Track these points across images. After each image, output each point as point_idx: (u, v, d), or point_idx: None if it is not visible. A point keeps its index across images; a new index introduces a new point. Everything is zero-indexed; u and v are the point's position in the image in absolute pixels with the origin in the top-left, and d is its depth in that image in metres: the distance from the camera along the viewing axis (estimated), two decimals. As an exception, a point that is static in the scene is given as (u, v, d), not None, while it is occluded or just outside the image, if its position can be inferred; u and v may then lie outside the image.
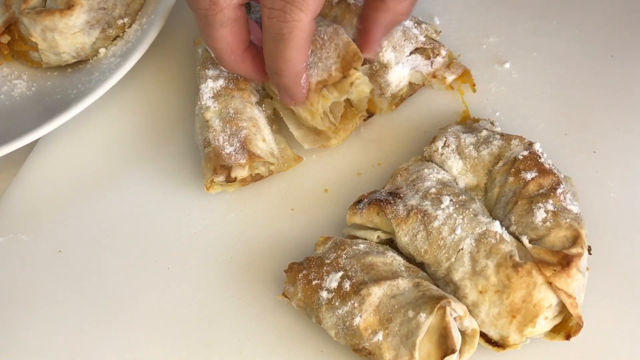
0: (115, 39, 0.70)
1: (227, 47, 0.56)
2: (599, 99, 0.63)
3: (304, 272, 0.52)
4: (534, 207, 0.51)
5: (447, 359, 0.46)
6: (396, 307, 0.48)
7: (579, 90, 0.63)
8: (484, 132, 0.57)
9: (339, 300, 0.49)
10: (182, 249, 0.59)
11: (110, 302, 0.57)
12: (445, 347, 0.47)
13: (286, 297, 0.53)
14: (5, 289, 0.58)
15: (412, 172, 0.56)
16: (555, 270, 0.48)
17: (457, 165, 0.56)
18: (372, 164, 0.61)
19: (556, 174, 0.53)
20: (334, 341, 0.50)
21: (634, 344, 0.51)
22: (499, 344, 0.49)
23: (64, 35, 0.67)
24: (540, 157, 0.54)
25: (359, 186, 0.60)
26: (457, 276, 0.50)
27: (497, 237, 0.50)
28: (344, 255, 0.52)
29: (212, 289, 0.57)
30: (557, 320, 0.49)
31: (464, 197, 0.53)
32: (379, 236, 0.54)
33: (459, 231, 0.50)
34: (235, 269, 0.57)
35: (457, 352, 0.47)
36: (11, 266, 0.59)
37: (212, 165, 0.57)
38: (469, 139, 0.57)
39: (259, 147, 0.58)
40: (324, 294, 0.50)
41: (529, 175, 0.53)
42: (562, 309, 0.49)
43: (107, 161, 0.65)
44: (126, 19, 0.69)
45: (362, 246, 0.52)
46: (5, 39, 0.70)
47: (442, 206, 0.52)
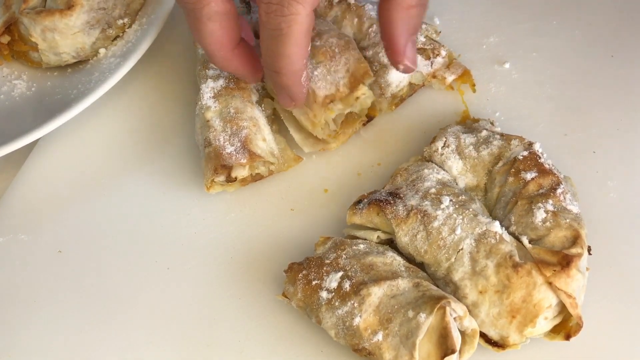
0: (115, 39, 0.70)
1: (217, 43, 0.54)
2: (599, 99, 0.62)
3: (304, 272, 0.52)
4: (533, 207, 0.51)
5: (447, 359, 0.46)
6: (396, 307, 0.48)
7: (579, 90, 0.63)
8: (484, 132, 0.57)
9: (339, 300, 0.49)
10: (182, 249, 0.59)
11: (110, 302, 0.57)
12: (445, 347, 0.47)
13: (286, 297, 0.53)
14: (5, 289, 0.58)
15: (412, 172, 0.56)
16: (555, 270, 0.48)
17: (457, 165, 0.56)
18: (372, 164, 0.61)
19: (556, 174, 0.53)
20: (334, 341, 0.50)
21: (634, 344, 0.51)
22: (498, 344, 0.49)
23: (64, 35, 0.67)
24: (540, 157, 0.54)
25: (359, 186, 0.60)
26: (457, 276, 0.50)
27: (497, 237, 0.50)
28: (343, 255, 0.52)
29: (212, 289, 0.57)
30: (557, 320, 0.49)
31: (464, 197, 0.53)
32: (378, 236, 0.54)
33: (458, 231, 0.50)
34: (235, 269, 0.57)
35: (457, 352, 0.47)
36: (11, 266, 0.59)
37: (213, 165, 0.57)
38: (468, 139, 0.56)
39: (260, 146, 0.58)
40: (324, 294, 0.50)
41: (529, 175, 0.53)
42: (562, 309, 0.49)
43: (107, 161, 0.65)
44: (126, 19, 0.69)
45: (362, 246, 0.52)
46: (5, 39, 0.70)
47: (442, 206, 0.52)
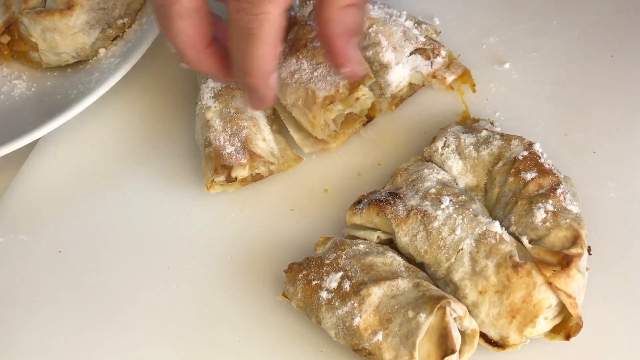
0: (115, 39, 0.70)
1: (188, 41, 0.52)
2: (599, 99, 0.62)
3: (304, 272, 0.52)
4: (533, 207, 0.51)
5: (446, 359, 0.46)
6: (396, 307, 0.48)
7: (579, 90, 0.63)
8: (484, 132, 0.57)
9: (339, 300, 0.49)
10: (182, 249, 0.59)
11: (110, 302, 0.57)
12: (445, 347, 0.47)
13: (286, 297, 0.52)
14: (5, 289, 0.58)
15: (412, 173, 0.56)
16: (555, 270, 0.48)
17: (457, 165, 0.56)
18: (372, 164, 0.61)
19: (556, 174, 0.53)
20: (334, 341, 0.50)
21: (634, 344, 0.51)
22: (498, 344, 0.49)
23: (64, 35, 0.67)
24: (540, 157, 0.54)
25: (359, 186, 0.60)
26: (457, 276, 0.50)
27: (497, 237, 0.50)
28: (343, 255, 0.52)
29: (212, 289, 0.57)
30: (557, 320, 0.49)
31: (464, 197, 0.53)
32: (378, 236, 0.54)
33: (458, 231, 0.50)
34: (235, 269, 0.57)
35: (457, 353, 0.47)
36: (11, 266, 0.59)
37: (213, 165, 0.57)
38: (468, 139, 0.56)
39: (260, 146, 0.58)
40: (324, 294, 0.50)
41: (529, 175, 0.53)
42: (562, 309, 0.49)
43: (107, 161, 0.65)
44: (126, 19, 0.69)
45: (362, 246, 0.52)
46: (5, 39, 0.70)
47: (442, 206, 0.52)
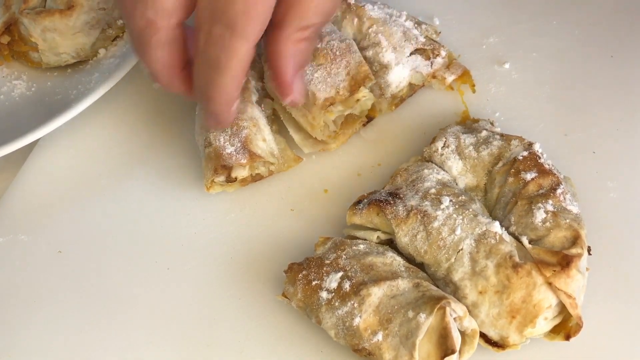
0: (115, 39, 0.70)
1: (164, 68, 0.51)
2: (599, 99, 0.62)
3: (304, 272, 0.52)
4: (533, 207, 0.51)
5: (446, 359, 0.46)
6: (396, 307, 0.48)
7: (579, 90, 0.63)
8: (484, 133, 0.57)
9: (339, 300, 0.49)
10: (182, 249, 0.59)
11: (110, 302, 0.57)
12: (445, 347, 0.47)
13: (286, 297, 0.52)
14: (5, 289, 0.58)
15: (412, 173, 0.56)
16: (555, 270, 0.48)
17: (456, 165, 0.56)
18: (372, 164, 0.61)
19: (556, 174, 0.53)
20: (334, 341, 0.50)
21: (634, 344, 0.51)
22: (498, 345, 0.49)
23: (64, 35, 0.67)
24: (540, 158, 0.54)
25: (359, 186, 0.60)
26: (456, 276, 0.50)
27: (497, 237, 0.50)
28: (343, 255, 0.52)
29: (212, 289, 0.57)
30: (557, 320, 0.49)
31: (464, 197, 0.53)
32: (378, 236, 0.54)
33: (458, 231, 0.50)
34: (235, 269, 0.57)
35: (457, 353, 0.47)
36: (11, 266, 0.59)
37: (213, 165, 0.57)
38: (468, 140, 0.56)
39: (260, 147, 0.58)
40: (324, 295, 0.50)
41: (529, 175, 0.53)
42: (562, 310, 0.49)
43: (107, 161, 0.65)
44: (126, 19, 0.69)
45: (361, 246, 0.52)
46: (5, 40, 0.70)
47: (442, 206, 0.52)
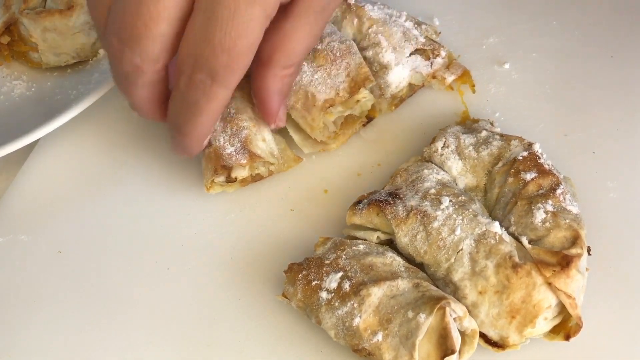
0: (115, 39, 0.70)
1: (146, 104, 0.53)
2: (598, 99, 0.63)
3: (304, 272, 0.52)
4: (533, 207, 0.51)
5: (446, 359, 0.47)
6: (396, 307, 0.48)
7: (579, 90, 0.63)
8: (484, 133, 0.57)
9: (339, 300, 0.49)
10: (182, 249, 0.59)
11: (110, 302, 0.57)
12: (444, 347, 0.47)
13: (286, 297, 0.53)
14: (5, 289, 0.58)
15: (411, 173, 0.56)
16: (554, 270, 0.48)
17: (456, 165, 0.56)
18: (371, 164, 0.61)
19: (556, 174, 0.53)
20: (334, 341, 0.50)
21: (634, 344, 0.51)
22: (498, 345, 0.49)
23: (64, 35, 0.67)
24: (539, 158, 0.54)
25: (359, 187, 0.60)
26: (456, 277, 0.50)
27: (497, 237, 0.50)
28: (343, 255, 0.52)
29: (212, 289, 0.56)
30: (557, 320, 0.49)
31: (464, 197, 0.53)
32: (378, 237, 0.54)
33: (458, 232, 0.50)
34: (235, 269, 0.57)
35: (457, 353, 0.47)
36: (11, 266, 0.59)
37: (213, 165, 0.57)
38: (468, 140, 0.57)
39: (260, 147, 0.58)
40: (324, 295, 0.50)
41: (529, 175, 0.53)
42: (562, 310, 0.49)
43: (107, 161, 0.65)
44: (126, 19, 0.69)
45: (361, 247, 0.52)
46: (5, 40, 0.70)
47: (442, 207, 0.52)
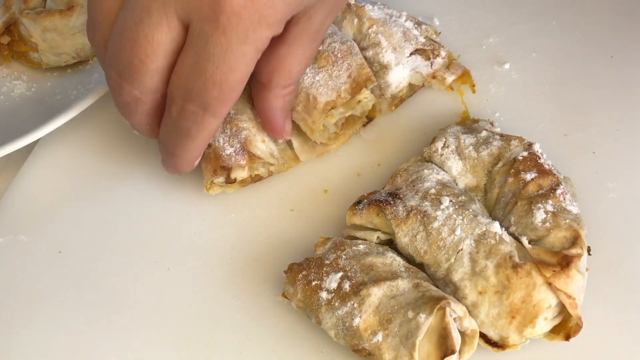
0: (115, 39, 0.70)
1: (147, 128, 0.55)
2: (598, 99, 0.63)
3: (304, 272, 0.52)
4: (533, 207, 0.51)
5: (446, 360, 0.47)
6: (396, 307, 0.48)
7: (579, 90, 0.63)
8: (484, 133, 0.57)
9: (339, 300, 0.49)
10: (182, 249, 0.59)
11: (110, 302, 0.57)
12: (444, 347, 0.47)
13: (286, 297, 0.53)
14: (5, 289, 0.58)
15: (411, 173, 0.56)
16: (554, 270, 0.48)
17: (456, 165, 0.56)
18: (371, 164, 0.61)
19: (556, 174, 0.53)
20: (334, 341, 0.50)
21: (634, 344, 0.51)
22: (498, 345, 0.49)
23: (64, 35, 0.67)
24: (539, 158, 0.54)
25: (359, 187, 0.60)
26: (456, 277, 0.50)
27: (497, 237, 0.50)
28: (343, 255, 0.52)
29: (212, 290, 0.56)
30: (557, 320, 0.49)
31: (464, 197, 0.53)
32: (378, 237, 0.54)
33: (458, 232, 0.50)
34: (235, 269, 0.57)
35: (457, 353, 0.47)
36: (11, 266, 0.59)
37: (212, 166, 0.57)
38: (468, 140, 0.57)
39: (259, 148, 0.58)
40: (324, 295, 0.50)
41: (529, 175, 0.53)
42: (562, 310, 0.49)
43: (107, 161, 0.65)
44: (126, 19, 0.69)
45: (361, 247, 0.52)
46: (5, 40, 0.70)
47: (442, 207, 0.52)
